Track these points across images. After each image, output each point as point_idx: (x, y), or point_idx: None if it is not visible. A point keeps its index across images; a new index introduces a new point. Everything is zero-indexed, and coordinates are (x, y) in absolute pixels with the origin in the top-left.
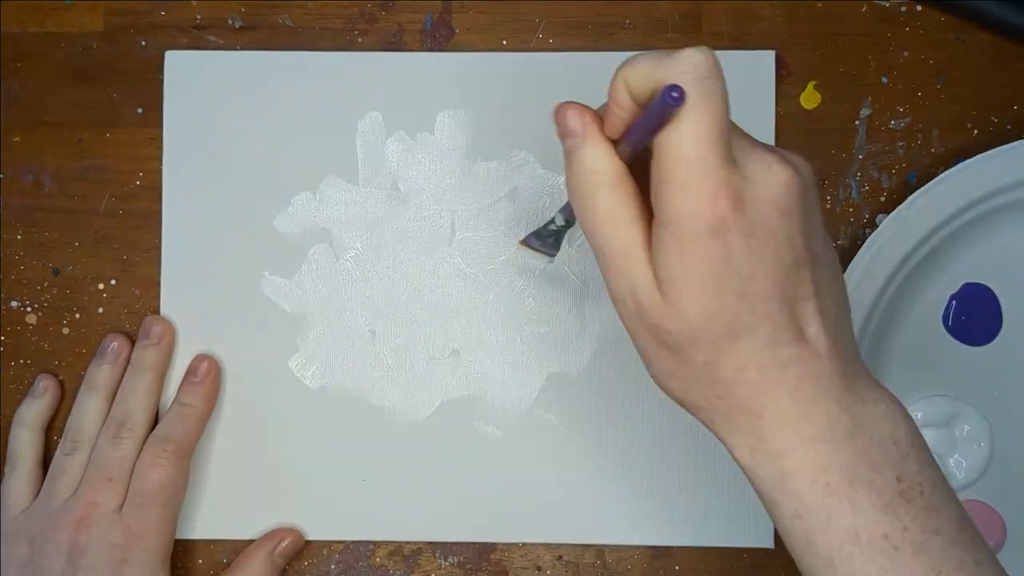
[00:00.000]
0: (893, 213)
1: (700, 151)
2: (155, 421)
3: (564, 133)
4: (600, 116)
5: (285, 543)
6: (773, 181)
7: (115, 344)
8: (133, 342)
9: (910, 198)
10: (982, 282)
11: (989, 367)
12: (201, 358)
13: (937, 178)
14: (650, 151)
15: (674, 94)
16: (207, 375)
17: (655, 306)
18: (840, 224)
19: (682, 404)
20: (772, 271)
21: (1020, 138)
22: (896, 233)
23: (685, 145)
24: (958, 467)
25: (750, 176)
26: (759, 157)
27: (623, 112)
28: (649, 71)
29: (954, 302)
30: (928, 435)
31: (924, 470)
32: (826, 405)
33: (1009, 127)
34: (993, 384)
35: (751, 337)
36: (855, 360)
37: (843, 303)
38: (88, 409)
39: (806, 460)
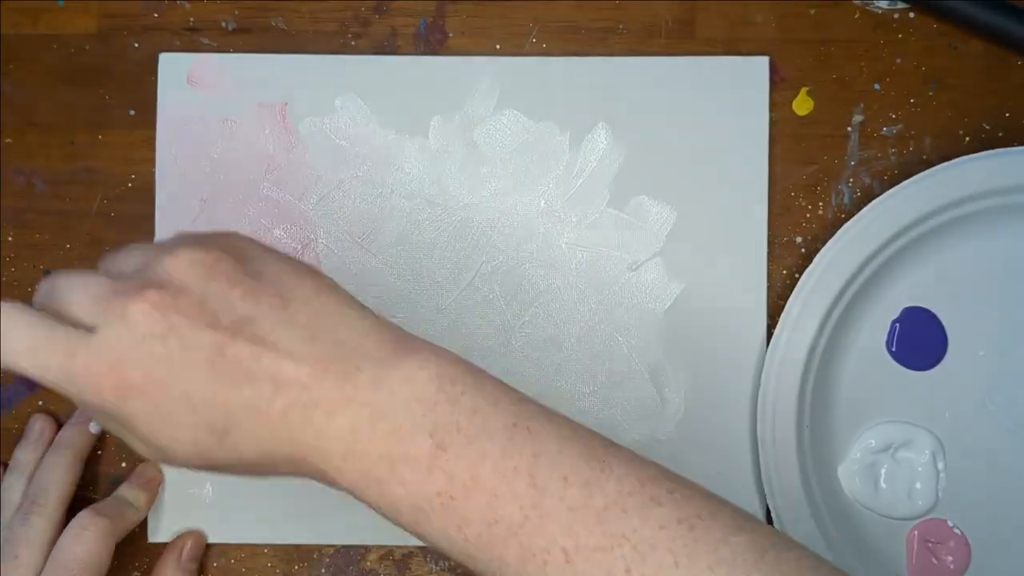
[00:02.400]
0: (824, 248)
1: (51, 376)
2: (70, 502)
3: None
4: None
5: (188, 547)
6: (131, 323)
7: (38, 426)
8: (60, 423)
9: (841, 229)
10: (922, 305)
11: (938, 390)
12: (148, 466)
13: (865, 208)
14: None
15: (23, 386)
16: (149, 483)
17: (165, 459)
18: (832, 230)
19: (281, 478)
20: (197, 378)
21: (1012, 145)
22: (830, 266)
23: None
24: (919, 494)
25: (111, 336)
26: (110, 311)
27: None
28: None
29: (897, 326)
30: (885, 463)
31: (459, 406)
32: (340, 417)
33: (1001, 134)
34: (944, 406)
35: (238, 425)
36: (360, 350)
37: (317, 310)
38: (11, 489)
39: (353, 474)
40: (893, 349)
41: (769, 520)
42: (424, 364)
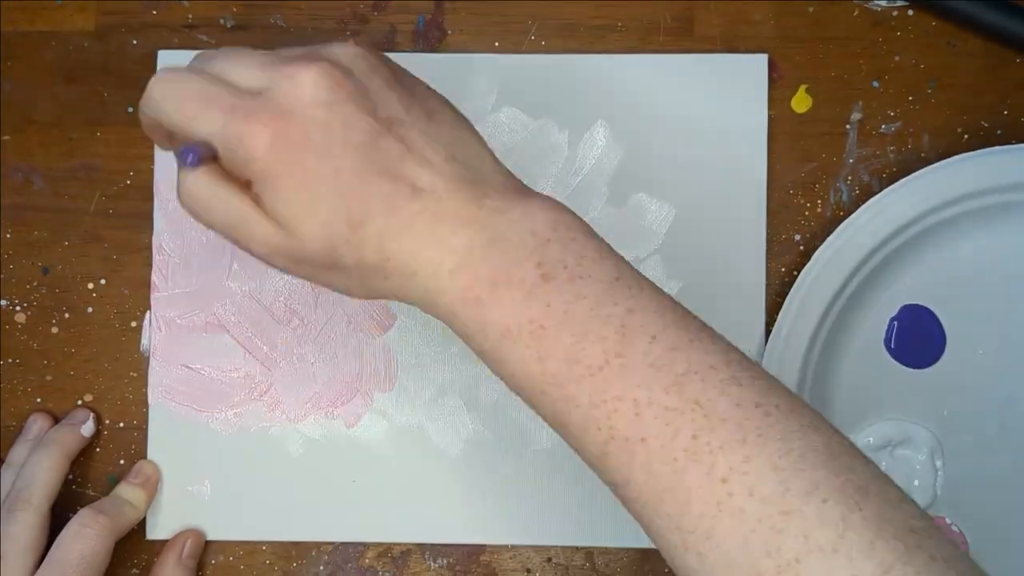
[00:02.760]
0: (823, 245)
1: (210, 121)
2: (55, 499)
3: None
4: None
5: (188, 545)
6: (300, 87)
7: (36, 424)
8: (57, 421)
9: (839, 227)
10: (921, 303)
11: (937, 388)
12: (146, 463)
13: (864, 206)
14: None
15: (189, 156)
16: (147, 481)
17: (287, 244)
18: (830, 228)
19: (377, 298)
20: (351, 156)
21: (1010, 143)
22: (829, 264)
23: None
24: (917, 492)
25: (279, 92)
26: (284, 73)
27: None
28: (144, 110)
29: (895, 324)
30: (883, 460)
31: (569, 247)
32: (461, 234)
33: (999, 132)
34: (942, 404)
35: (371, 217)
36: (489, 182)
37: (458, 136)
38: (7, 485)
39: (455, 287)
40: (891, 347)
41: None
42: (544, 207)
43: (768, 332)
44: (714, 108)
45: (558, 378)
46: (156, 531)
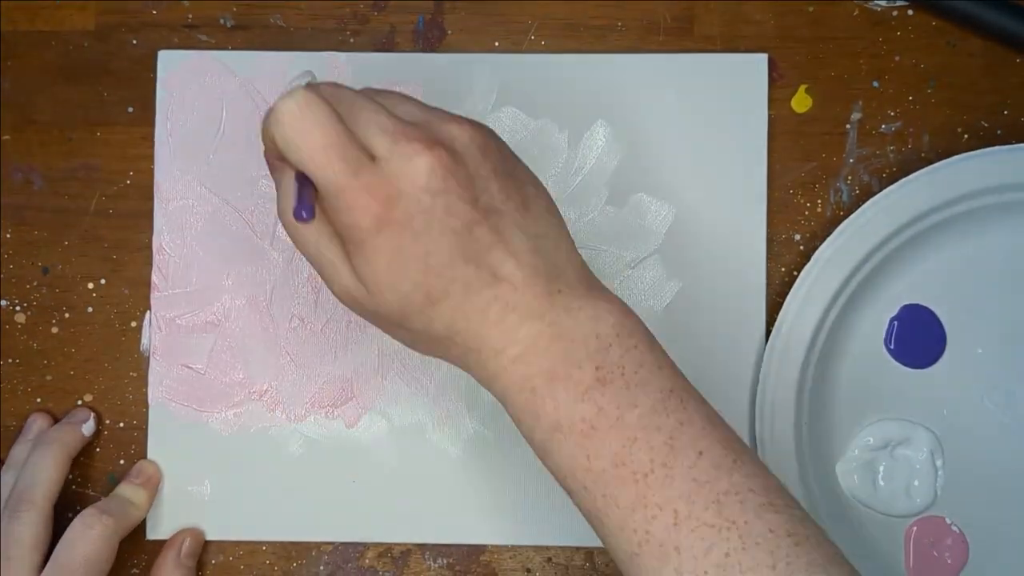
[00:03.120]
0: (823, 245)
1: (326, 178)
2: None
3: (272, 173)
4: None
5: (186, 544)
6: (415, 170)
7: (36, 424)
8: (57, 421)
9: (839, 227)
10: (921, 303)
11: (937, 387)
12: (146, 463)
13: (864, 206)
14: None
15: (303, 213)
16: (149, 481)
17: (366, 298)
18: (831, 228)
19: (435, 356)
20: (445, 242)
21: (1010, 143)
22: (828, 264)
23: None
24: (917, 492)
25: (393, 171)
26: (401, 151)
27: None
28: (267, 129)
29: (895, 324)
30: (883, 460)
31: (629, 354)
32: (528, 325)
33: (999, 132)
34: (942, 403)
35: (448, 297)
36: (564, 276)
37: (545, 227)
38: (7, 486)
39: (515, 375)
40: (891, 347)
41: None
42: (611, 310)
43: (768, 332)
44: (714, 108)
45: (603, 477)
46: (156, 531)
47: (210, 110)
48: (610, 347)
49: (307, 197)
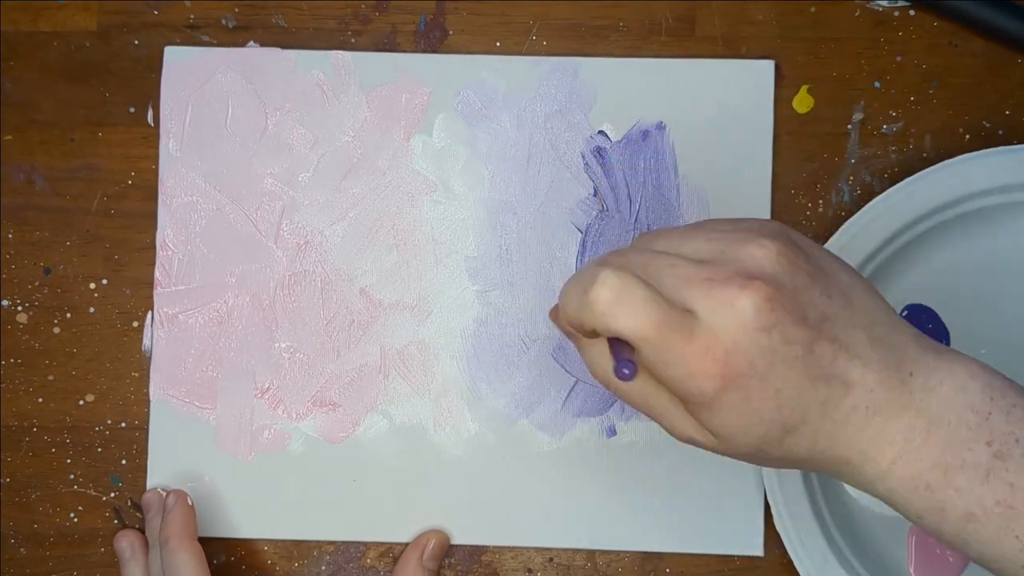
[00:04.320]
0: (825, 246)
1: (659, 352)
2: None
3: (565, 334)
4: None
5: (431, 546)
6: (742, 314)
7: (125, 542)
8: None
9: (841, 228)
10: (923, 303)
11: None
12: (162, 493)
13: (866, 206)
14: None
15: (625, 371)
16: (173, 505)
17: (715, 444)
18: (832, 228)
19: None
20: (792, 373)
21: (1012, 143)
22: None
23: (648, 362)
24: None
25: (720, 324)
26: (719, 298)
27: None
28: (576, 316)
29: None
30: None
31: (1012, 414)
32: (897, 423)
33: (1001, 132)
34: None
35: (805, 423)
36: (908, 355)
37: (871, 311)
38: None
39: (901, 477)
40: None
41: (768, 513)
42: (972, 373)
43: None
44: (720, 113)
45: None
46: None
47: (216, 107)
48: (990, 416)
49: (624, 354)
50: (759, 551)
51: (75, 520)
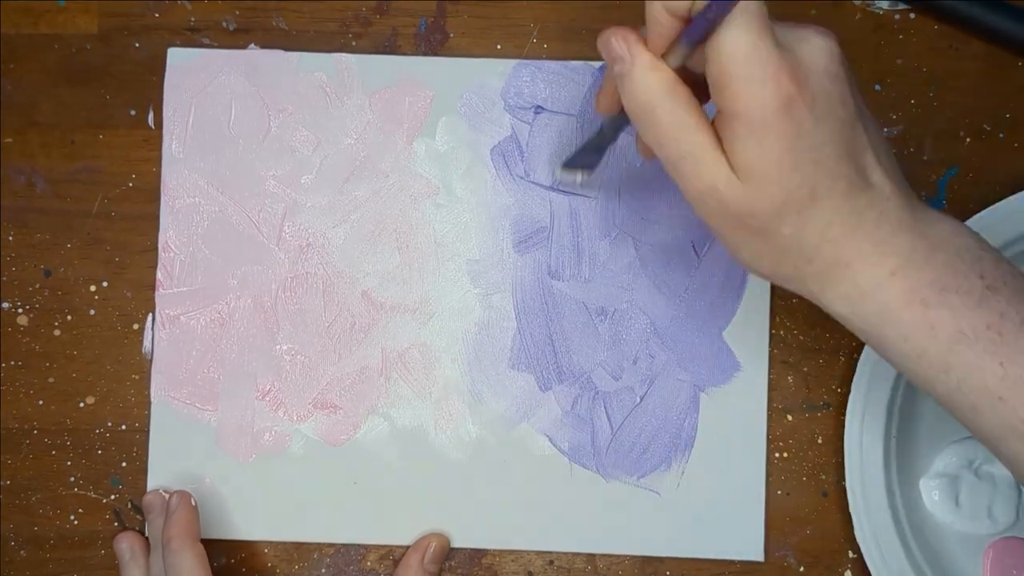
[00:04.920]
0: None
1: (753, 42)
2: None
3: (612, 60)
4: (643, 37)
5: (432, 549)
6: (818, 52)
7: (125, 545)
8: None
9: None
10: None
11: None
12: (164, 494)
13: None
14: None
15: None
16: (177, 506)
17: (738, 195)
18: None
19: (773, 279)
20: (837, 132)
21: (1012, 146)
22: None
23: (740, 42)
24: (999, 511)
25: (798, 52)
26: (797, 35)
27: (664, 29)
28: None
29: None
30: (967, 478)
31: (1000, 264)
32: (903, 236)
33: (1002, 135)
34: None
35: (830, 196)
36: (911, 193)
37: (888, 148)
38: None
39: (898, 287)
40: None
41: (768, 517)
42: (962, 225)
43: (771, 334)
44: None
45: (1020, 384)
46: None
47: (219, 108)
48: (982, 259)
49: (705, 24)
50: (759, 556)
51: (75, 522)
